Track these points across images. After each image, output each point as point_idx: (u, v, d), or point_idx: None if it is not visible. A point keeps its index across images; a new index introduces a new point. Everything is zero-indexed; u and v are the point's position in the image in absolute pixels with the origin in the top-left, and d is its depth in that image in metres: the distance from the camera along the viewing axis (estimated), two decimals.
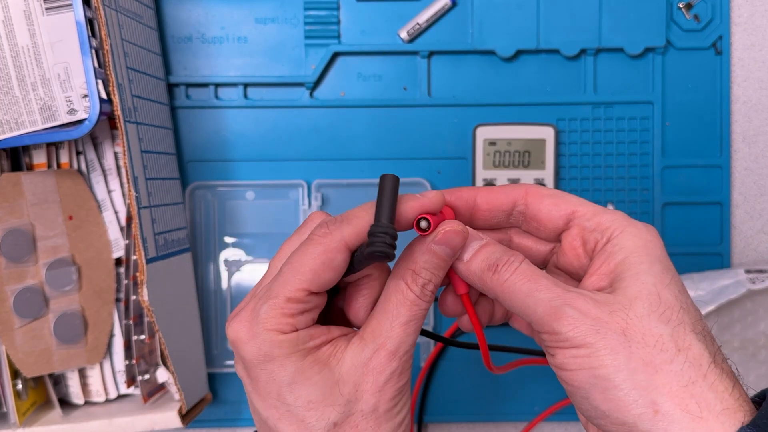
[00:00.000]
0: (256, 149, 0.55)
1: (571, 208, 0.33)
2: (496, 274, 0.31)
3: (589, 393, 0.29)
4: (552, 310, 0.29)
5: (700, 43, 0.55)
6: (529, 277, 0.30)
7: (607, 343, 0.28)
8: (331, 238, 0.31)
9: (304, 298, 0.31)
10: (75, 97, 0.46)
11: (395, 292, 0.31)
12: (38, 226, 0.49)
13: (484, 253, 0.32)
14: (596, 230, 0.32)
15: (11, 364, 0.48)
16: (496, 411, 0.56)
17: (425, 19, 0.54)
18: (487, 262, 0.31)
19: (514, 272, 0.30)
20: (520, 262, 0.31)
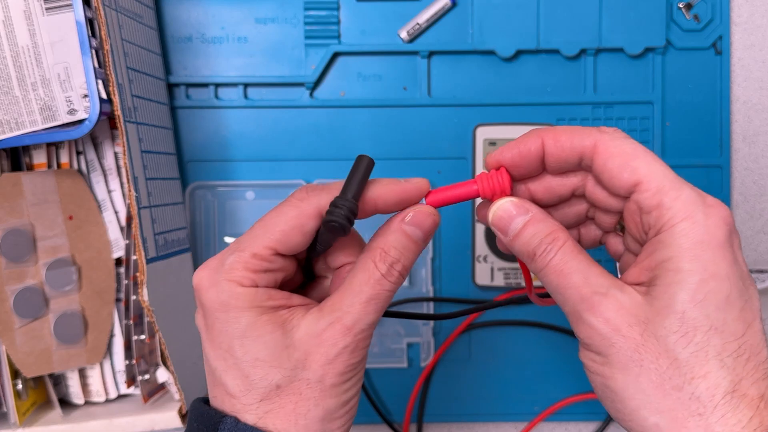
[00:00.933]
0: (256, 149, 0.55)
1: (635, 177, 0.29)
2: (534, 262, 0.30)
3: (602, 397, 0.29)
4: (574, 313, 0.29)
5: (700, 43, 0.55)
6: (561, 271, 0.29)
7: (620, 359, 0.28)
8: (307, 203, 0.31)
9: (269, 256, 0.31)
10: (75, 97, 0.46)
11: (362, 270, 0.31)
12: (38, 226, 0.49)
13: (525, 234, 0.31)
14: (652, 214, 0.29)
15: (11, 364, 0.48)
16: (496, 411, 0.56)
17: (425, 19, 0.54)
18: (526, 248, 0.31)
19: (549, 263, 0.30)
20: (556, 251, 0.30)
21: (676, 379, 0.27)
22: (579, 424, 0.57)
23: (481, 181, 0.32)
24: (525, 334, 0.56)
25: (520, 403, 0.56)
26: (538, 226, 0.30)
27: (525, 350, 0.56)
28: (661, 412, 0.27)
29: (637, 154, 0.29)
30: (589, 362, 0.29)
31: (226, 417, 0.30)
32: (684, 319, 0.27)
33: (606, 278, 0.29)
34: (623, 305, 0.28)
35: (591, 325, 0.28)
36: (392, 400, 0.56)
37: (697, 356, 0.27)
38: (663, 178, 0.29)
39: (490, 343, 0.56)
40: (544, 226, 0.30)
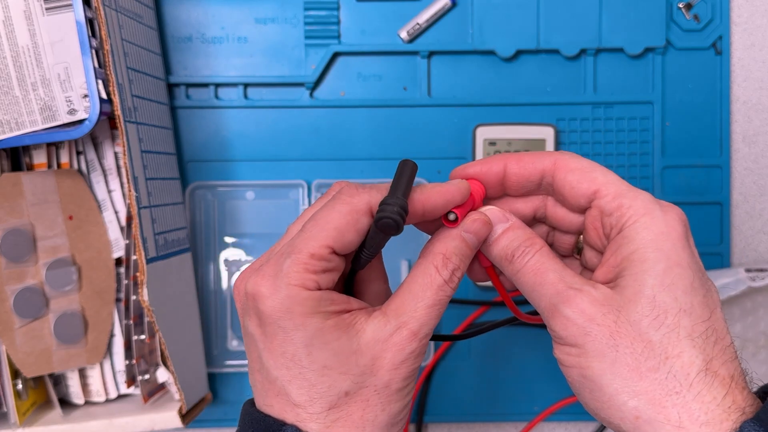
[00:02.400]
0: (256, 149, 0.55)
1: (594, 186, 0.31)
2: (511, 264, 0.32)
3: (579, 390, 0.30)
4: (550, 307, 0.30)
5: (700, 43, 0.55)
6: (537, 270, 0.31)
7: (596, 346, 0.29)
8: (358, 198, 0.31)
9: (327, 255, 0.30)
10: (75, 97, 0.46)
11: (423, 275, 0.31)
12: (38, 226, 0.49)
13: (504, 240, 0.32)
14: (614, 215, 0.31)
15: (11, 364, 0.48)
16: (496, 411, 0.56)
17: (425, 19, 0.54)
18: (505, 251, 0.32)
19: (525, 265, 0.31)
20: (534, 254, 0.31)
21: (652, 360, 0.28)
22: (579, 423, 0.57)
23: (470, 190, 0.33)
24: (525, 334, 0.56)
25: (520, 403, 0.56)
26: (518, 232, 0.32)
27: (525, 350, 0.56)
28: (638, 394, 0.28)
29: (594, 168, 0.32)
30: (564, 356, 0.30)
31: (286, 426, 0.30)
32: (654, 303, 0.28)
33: (579, 277, 0.31)
34: (596, 298, 0.29)
35: (567, 316, 0.29)
36: None
37: (669, 337, 0.28)
38: (620, 184, 0.31)
39: (490, 343, 0.56)
40: (522, 233, 0.32)
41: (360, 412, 0.30)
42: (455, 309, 0.56)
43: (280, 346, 0.30)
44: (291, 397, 0.30)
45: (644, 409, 0.28)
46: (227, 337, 0.55)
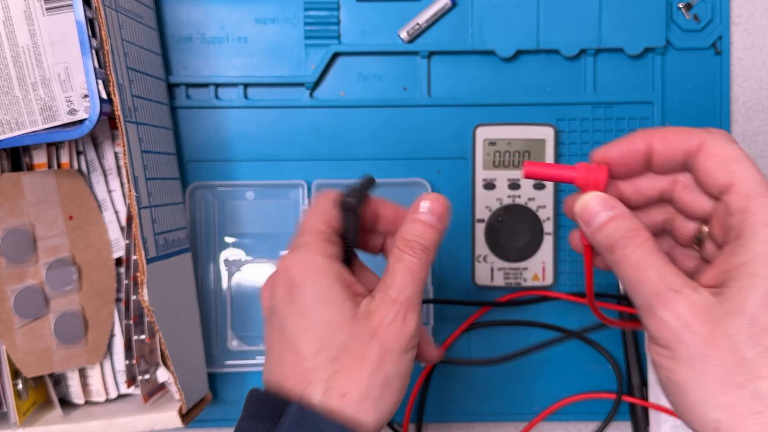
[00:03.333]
0: (256, 149, 0.55)
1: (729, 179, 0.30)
2: (612, 254, 0.32)
3: (665, 389, 0.31)
4: (647, 306, 0.30)
5: (699, 43, 0.55)
6: (638, 265, 0.31)
7: (687, 353, 0.29)
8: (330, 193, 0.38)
9: (327, 230, 0.36)
10: (75, 97, 0.46)
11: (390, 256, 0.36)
12: (38, 226, 0.49)
13: (607, 229, 0.32)
14: (736, 216, 0.30)
15: (11, 364, 0.48)
16: (496, 411, 0.56)
17: (425, 20, 0.54)
18: (607, 241, 0.32)
19: (627, 257, 0.31)
20: (637, 247, 0.31)
21: (740, 377, 0.28)
22: (579, 423, 0.57)
23: (579, 170, 0.34)
24: (525, 334, 0.56)
25: (520, 403, 0.56)
26: (623, 221, 0.32)
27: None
28: (722, 407, 0.28)
29: (737, 158, 0.30)
30: (655, 356, 0.30)
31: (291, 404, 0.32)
32: (754, 321, 0.28)
33: (681, 277, 0.30)
34: (695, 303, 0.29)
35: (662, 319, 0.29)
36: None
37: (762, 357, 0.28)
38: (756, 184, 0.30)
39: (490, 343, 0.56)
40: (628, 222, 0.32)
41: (357, 366, 0.33)
42: (455, 309, 0.56)
43: (300, 302, 0.34)
44: (300, 350, 0.33)
45: (725, 422, 0.28)
46: (227, 337, 0.56)
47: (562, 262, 0.55)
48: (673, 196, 0.35)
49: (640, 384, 0.54)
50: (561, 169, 0.35)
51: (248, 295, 0.56)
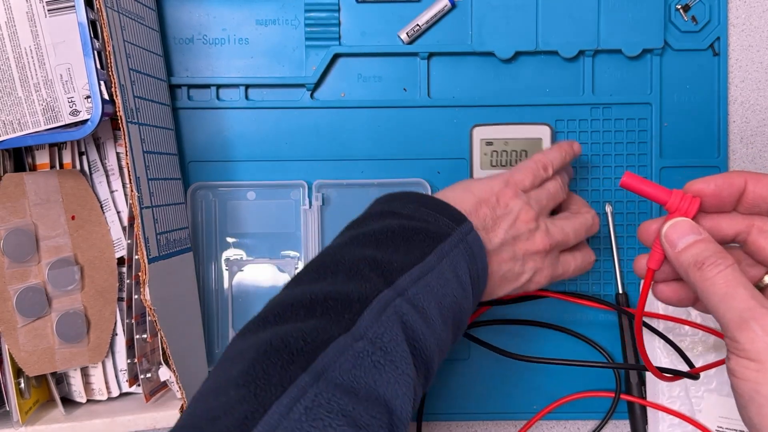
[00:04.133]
0: (257, 150, 0.56)
1: None
2: (700, 270, 0.34)
3: (747, 404, 0.32)
4: (739, 320, 0.32)
5: (697, 44, 0.55)
6: (729, 282, 0.33)
7: None
8: None
9: None
10: (77, 98, 0.47)
11: None
12: (41, 226, 0.49)
13: (695, 249, 0.35)
14: None
15: (14, 363, 0.49)
16: (496, 409, 0.56)
17: (425, 21, 0.55)
18: (695, 258, 0.34)
19: (717, 274, 0.33)
20: (726, 267, 0.33)
21: None
22: (577, 422, 0.57)
23: (674, 197, 0.37)
24: (525, 334, 0.56)
25: (519, 402, 0.56)
26: (710, 245, 0.35)
27: (525, 349, 0.56)
28: None
29: None
30: (741, 369, 0.32)
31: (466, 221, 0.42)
32: None
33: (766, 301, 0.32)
34: None
35: (756, 331, 0.31)
36: None
37: None
38: None
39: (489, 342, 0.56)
40: (715, 246, 0.35)
41: None
42: None
43: None
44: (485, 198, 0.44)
45: None
46: (228, 335, 0.56)
47: None
48: (748, 239, 0.37)
49: (638, 382, 0.55)
50: (657, 190, 0.38)
51: (249, 295, 0.56)
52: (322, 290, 0.35)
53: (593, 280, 0.56)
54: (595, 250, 0.56)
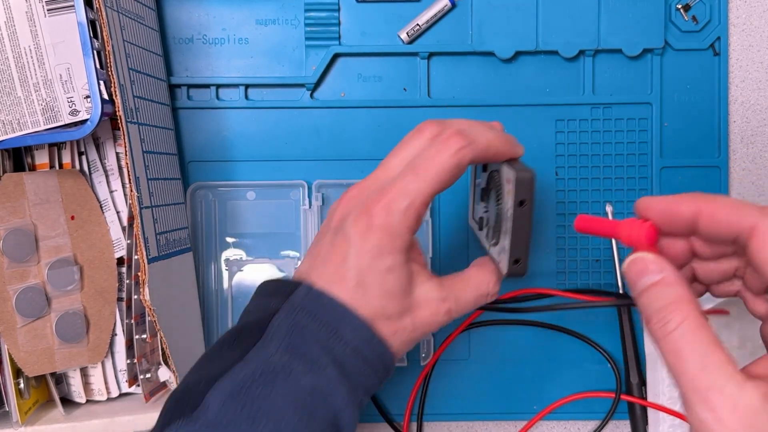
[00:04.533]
0: (256, 150, 0.56)
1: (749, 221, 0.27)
2: (648, 326, 0.29)
3: None
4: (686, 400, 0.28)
5: (698, 44, 0.55)
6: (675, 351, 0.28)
7: None
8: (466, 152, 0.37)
9: (428, 202, 0.37)
10: (77, 97, 0.47)
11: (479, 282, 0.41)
12: (40, 226, 0.49)
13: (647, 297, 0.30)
14: None
15: (13, 363, 0.49)
16: (496, 410, 0.56)
17: (425, 21, 0.54)
18: (645, 310, 0.30)
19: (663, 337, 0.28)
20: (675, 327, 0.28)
21: None
22: (578, 422, 0.57)
23: (624, 226, 0.32)
24: (525, 334, 0.56)
25: (519, 402, 0.56)
26: (665, 290, 0.29)
27: (525, 349, 0.56)
28: None
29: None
30: None
31: (302, 283, 0.37)
32: None
33: (724, 369, 0.27)
34: (737, 407, 0.26)
35: (702, 419, 0.27)
36: (392, 398, 0.56)
37: None
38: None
39: (490, 343, 0.56)
40: (669, 292, 0.29)
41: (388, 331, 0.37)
42: None
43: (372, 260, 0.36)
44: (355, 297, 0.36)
45: None
46: None
47: (560, 262, 0.56)
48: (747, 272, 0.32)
49: (638, 383, 0.55)
50: (607, 225, 0.34)
51: (249, 295, 0.55)
52: None
53: (593, 280, 0.56)
54: (594, 250, 0.56)
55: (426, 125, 0.39)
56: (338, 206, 0.40)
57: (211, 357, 0.36)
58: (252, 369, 0.33)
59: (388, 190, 0.37)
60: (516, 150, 0.41)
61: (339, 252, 0.37)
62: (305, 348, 0.34)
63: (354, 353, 0.35)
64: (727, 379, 0.27)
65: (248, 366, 0.34)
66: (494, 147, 0.39)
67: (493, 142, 0.38)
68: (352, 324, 0.35)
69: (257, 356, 0.34)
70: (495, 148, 0.39)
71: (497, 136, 0.39)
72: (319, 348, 0.35)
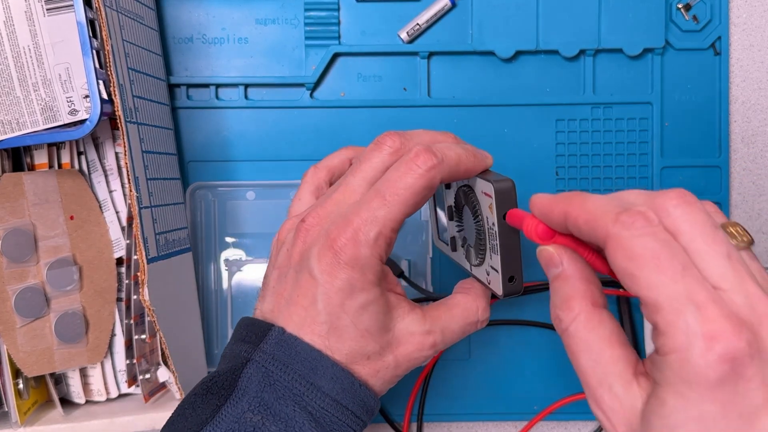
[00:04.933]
0: (256, 149, 0.55)
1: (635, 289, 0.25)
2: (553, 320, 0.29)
3: None
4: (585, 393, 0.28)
5: (698, 43, 0.55)
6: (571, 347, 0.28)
7: None
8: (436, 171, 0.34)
9: (398, 228, 0.34)
10: (76, 97, 0.47)
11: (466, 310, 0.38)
12: (39, 226, 0.49)
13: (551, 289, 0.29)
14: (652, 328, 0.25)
15: (12, 364, 0.48)
16: (496, 410, 0.56)
17: (425, 20, 0.54)
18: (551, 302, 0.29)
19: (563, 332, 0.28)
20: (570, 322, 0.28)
21: None
22: (578, 423, 0.57)
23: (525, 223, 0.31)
24: (525, 334, 0.56)
25: (519, 403, 0.56)
26: (562, 285, 0.29)
27: (525, 350, 0.56)
28: None
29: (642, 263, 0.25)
30: None
31: (273, 327, 0.34)
32: None
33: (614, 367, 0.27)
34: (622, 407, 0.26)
35: (594, 413, 0.27)
36: (392, 399, 0.56)
37: None
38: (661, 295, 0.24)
39: (490, 343, 0.56)
40: (566, 288, 0.28)
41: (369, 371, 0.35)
42: None
43: (343, 299, 0.33)
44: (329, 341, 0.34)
45: None
46: (227, 336, 0.56)
47: None
48: None
49: None
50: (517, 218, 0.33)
51: (249, 295, 0.56)
52: None
53: None
54: None
55: (386, 138, 0.36)
56: (296, 238, 0.36)
57: (184, 413, 0.34)
58: (223, 430, 0.32)
59: (352, 219, 0.33)
60: (486, 161, 0.37)
61: (306, 293, 0.34)
62: (279, 406, 0.32)
63: (333, 405, 0.33)
64: (616, 377, 0.26)
65: (219, 427, 0.32)
66: (464, 163, 0.35)
67: (463, 157, 0.35)
68: (329, 372, 0.33)
69: (228, 415, 0.32)
70: (465, 165, 0.35)
71: (465, 150, 0.36)
72: (294, 404, 0.32)
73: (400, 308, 0.36)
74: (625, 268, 0.25)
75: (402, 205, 0.33)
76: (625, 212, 0.25)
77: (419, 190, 0.34)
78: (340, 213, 0.35)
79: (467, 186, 0.38)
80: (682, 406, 0.24)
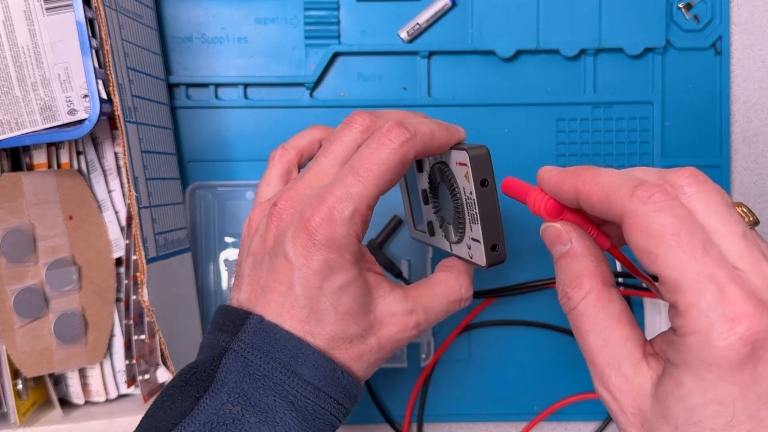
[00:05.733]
0: (256, 149, 0.55)
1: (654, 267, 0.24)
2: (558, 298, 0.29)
3: None
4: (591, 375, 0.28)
5: (699, 43, 0.55)
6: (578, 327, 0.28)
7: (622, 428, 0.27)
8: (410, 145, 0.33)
9: (373, 205, 0.33)
10: (75, 97, 0.46)
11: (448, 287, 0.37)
12: (38, 226, 0.49)
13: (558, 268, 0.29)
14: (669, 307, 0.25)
15: (11, 364, 0.48)
16: (496, 411, 0.56)
17: (425, 20, 0.54)
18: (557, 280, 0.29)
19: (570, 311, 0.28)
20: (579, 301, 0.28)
21: None
22: (579, 423, 0.57)
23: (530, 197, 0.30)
24: (525, 334, 0.56)
25: (519, 403, 0.56)
26: (570, 263, 0.28)
27: (525, 350, 0.56)
28: None
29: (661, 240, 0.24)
30: None
31: (252, 315, 0.33)
32: None
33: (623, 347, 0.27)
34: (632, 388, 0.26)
35: (601, 394, 0.27)
36: (392, 399, 0.56)
37: None
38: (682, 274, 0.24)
39: (490, 343, 0.56)
40: (575, 266, 0.28)
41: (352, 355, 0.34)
42: None
43: (321, 281, 0.32)
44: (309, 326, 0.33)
45: None
46: None
47: None
48: None
49: None
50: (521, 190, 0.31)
51: None
52: None
53: None
54: None
55: (356, 116, 0.35)
56: (269, 223, 0.35)
57: (163, 405, 0.33)
58: (202, 423, 0.31)
59: (326, 197, 0.32)
60: (459, 134, 0.36)
61: (282, 278, 0.33)
62: (258, 396, 0.31)
63: (315, 393, 0.32)
64: (625, 357, 0.26)
65: (198, 419, 0.31)
66: (438, 137, 0.34)
67: (436, 131, 0.34)
68: (310, 360, 0.32)
69: (207, 407, 0.31)
70: (438, 138, 0.34)
71: (438, 124, 0.35)
72: (274, 394, 0.32)
73: (380, 288, 0.35)
74: (643, 245, 0.25)
75: (377, 180, 0.33)
76: (641, 186, 0.25)
77: (393, 165, 0.33)
78: (313, 194, 0.33)
79: (441, 162, 0.38)
80: (701, 387, 0.24)
